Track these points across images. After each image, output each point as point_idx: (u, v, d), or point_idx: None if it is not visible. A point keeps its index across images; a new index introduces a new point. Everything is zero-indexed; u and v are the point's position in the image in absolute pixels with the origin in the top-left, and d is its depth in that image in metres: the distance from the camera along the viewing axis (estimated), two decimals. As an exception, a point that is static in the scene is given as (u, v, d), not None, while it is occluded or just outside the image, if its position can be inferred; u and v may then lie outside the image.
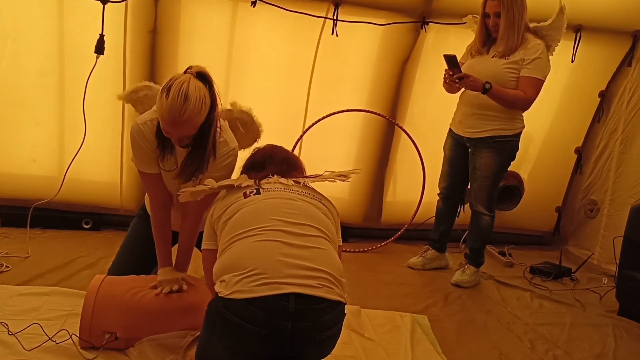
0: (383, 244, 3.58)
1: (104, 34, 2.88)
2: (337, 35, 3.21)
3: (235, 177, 1.87)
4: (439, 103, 3.40)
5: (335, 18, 3.18)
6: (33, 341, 1.84)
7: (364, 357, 2.06)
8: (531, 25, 2.82)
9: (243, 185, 1.78)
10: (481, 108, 2.87)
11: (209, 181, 1.83)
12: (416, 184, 3.57)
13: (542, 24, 2.82)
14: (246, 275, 1.50)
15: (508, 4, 2.71)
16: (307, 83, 3.38)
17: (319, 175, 1.88)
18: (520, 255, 3.74)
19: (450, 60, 2.76)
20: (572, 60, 3.51)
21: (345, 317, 1.63)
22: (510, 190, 3.70)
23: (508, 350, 2.34)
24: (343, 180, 1.90)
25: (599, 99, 3.74)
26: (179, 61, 3.13)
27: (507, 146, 2.92)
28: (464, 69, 2.80)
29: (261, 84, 3.31)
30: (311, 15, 3.17)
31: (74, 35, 2.98)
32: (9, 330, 1.89)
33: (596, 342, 2.52)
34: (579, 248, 3.82)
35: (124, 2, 2.93)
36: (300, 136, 3.40)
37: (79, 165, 3.01)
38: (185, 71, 1.82)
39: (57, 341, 1.86)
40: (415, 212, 3.58)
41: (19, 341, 1.83)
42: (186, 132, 1.81)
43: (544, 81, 2.78)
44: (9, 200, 3.15)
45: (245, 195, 1.73)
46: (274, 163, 1.89)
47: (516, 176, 3.76)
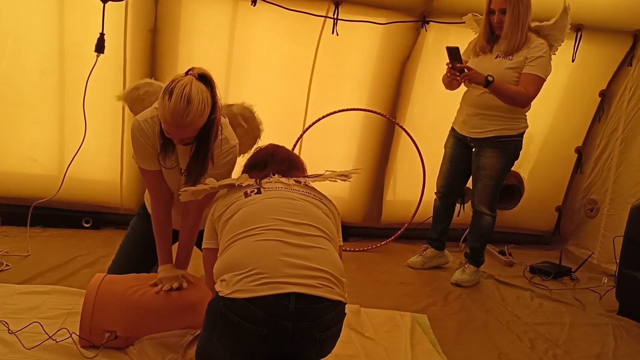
0: (383, 243, 3.58)
1: (104, 32, 2.88)
2: (338, 35, 3.21)
3: (236, 177, 1.87)
4: (439, 102, 3.40)
5: (335, 17, 3.18)
6: (33, 340, 1.84)
7: (364, 357, 2.06)
8: (533, 24, 2.81)
9: (244, 184, 1.78)
10: (485, 108, 2.86)
11: (210, 180, 1.83)
12: (416, 183, 3.57)
13: (545, 23, 2.81)
14: (247, 274, 1.50)
15: (514, 1, 2.69)
16: (308, 82, 3.38)
17: (320, 174, 1.88)
18: (520, 255, 3.74)
19: (453, 52, 2.71)
20: (573, 60, 3.51)
21: (346, 317, 1.63)
22: (510, 190, 3.70)
23: (508, 349, 2.34)
24: (344, 180, 1.90)
25: (600, 98, 3.74)
26: (179, 60, 3.14)
27: (512, 146, 2.91)
28: None
29: (261, 83, 3.30)
30: (311, 14, 3.17)
31: (74, 34, 2.98)
32: (9, 329, 1.88)
33: (596, 342, 2.52)
34: (579, 247, 3.82)
35: (125, 1, 2.92)
36: (301, 135, 3.40)
37: (79, 164, 3.01)
38: (187, 72, 1.82)
39: (57, 340, 1.85)
40: (415, 212, 3.58)
41: (19, 340, 1.83)
42: (188, 134, 1.82)
43: (545, 80, 2.77)
44: (9, 199, 3.15)
45: (246, 195, 1.73)
46: (275, 162, 1.89)
47: (516, 175, 3.76)
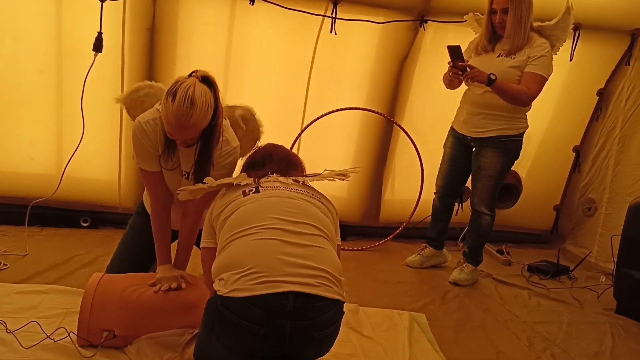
0: (381, 242, 3.59)
1: (102, 31, 2.88)
2: (336, 34, 3.21)
3: (235, 176, 1.88)
4: (438, 101, 3.40)
5: (333, 16, 3.18)
6: (31, 339, 1.84)
7: (362, 355, 2.07)
8: (535, 24, 2.81)
9: (242, 183, 1.78)
10: (486, 108, 2.86)
11: (209, 179, 1.83)
12: (414, 183, 3.57)
13: (547, 23, 2.81)
14: (245, 273, 1.50)
15: (516, 1, 2.69)
16: (306, 81, 3.37)
17: (319, 174, 1.89)
18: (518, 254, 3.74)
19: (454, 51, 2.69)
20: (571, 59, 3.51)
21: (344, 315, 1.64)
22: (508, 189, 3.70)
23: (506, 348, 2.35)
24: (342, 179, 1.91)
25: (597, 97, 3.74)
26: (177, 59, 3.13)
27: (512, 146, 2.91)
28: None
29: (260, 82, 3.30)
30: (310, 13, 3.16)
31: (72, 33, 2.97)
32: (7, 328, 1.88)
33: (594, 340, 2.52)
34: (577, 246, 3.82)
35: (122, 0, 2.92)
36: (299, 134, 3.40)
37: (77, 163, 3.00)
38: (190, 75, 1.82)
39: (55, 339, 1.85)
40: (414, 211, 3.58)
41: (17, 339, 1.83)
42: (191, 135, 1.83)
43: (547, 79, 2.76)
44: (7, 198, 3.14)
45: (244, 194, 1.74)
46: (274, 162, 1.89)
47: (514, 174, 3.76)
